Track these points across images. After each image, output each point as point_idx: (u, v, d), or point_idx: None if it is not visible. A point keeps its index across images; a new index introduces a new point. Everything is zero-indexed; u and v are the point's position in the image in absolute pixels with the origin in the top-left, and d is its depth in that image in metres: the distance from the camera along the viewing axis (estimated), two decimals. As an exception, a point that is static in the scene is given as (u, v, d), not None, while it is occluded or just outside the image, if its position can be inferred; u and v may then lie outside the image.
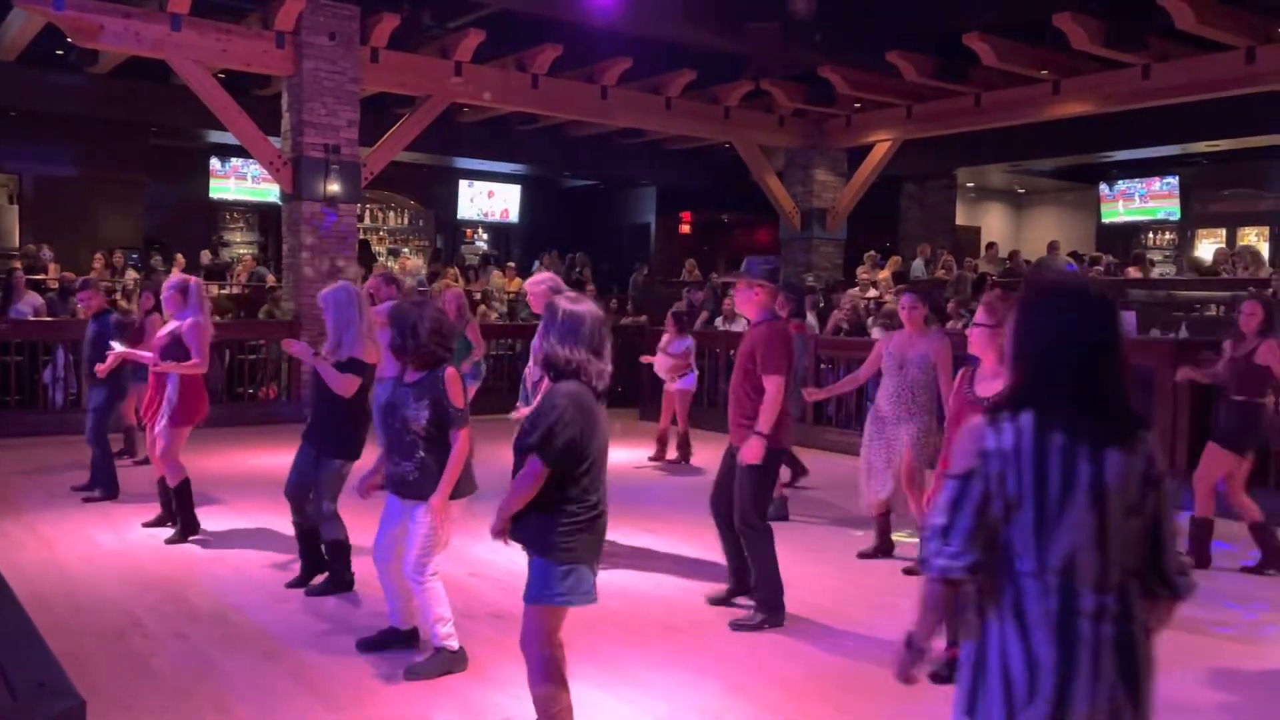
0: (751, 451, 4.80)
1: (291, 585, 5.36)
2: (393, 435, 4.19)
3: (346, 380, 5.05)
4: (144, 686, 4.02)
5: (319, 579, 5.32)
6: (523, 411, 5.90)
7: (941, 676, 4.21)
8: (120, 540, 6.25)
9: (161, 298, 6.58)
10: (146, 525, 6.51)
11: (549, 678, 3.21)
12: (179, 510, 6.23)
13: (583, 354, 3.14)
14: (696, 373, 9.68)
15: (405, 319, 4.14)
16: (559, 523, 3.13)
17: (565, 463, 3.09)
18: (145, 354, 6.63)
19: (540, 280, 5.98)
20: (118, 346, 6.78)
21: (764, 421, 4.82)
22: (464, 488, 4.25)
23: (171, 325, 6.23)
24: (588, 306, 3.23)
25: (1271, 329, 6.06)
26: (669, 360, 9.50)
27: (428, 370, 4.16)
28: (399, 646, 4.43)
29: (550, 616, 3.20)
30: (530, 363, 5.97)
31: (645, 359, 9.84)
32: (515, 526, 3.18)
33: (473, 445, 4.23)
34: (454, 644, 4.19)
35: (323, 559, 5.35)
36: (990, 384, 4.17)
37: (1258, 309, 6.12)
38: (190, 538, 6.18)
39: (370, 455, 4.91)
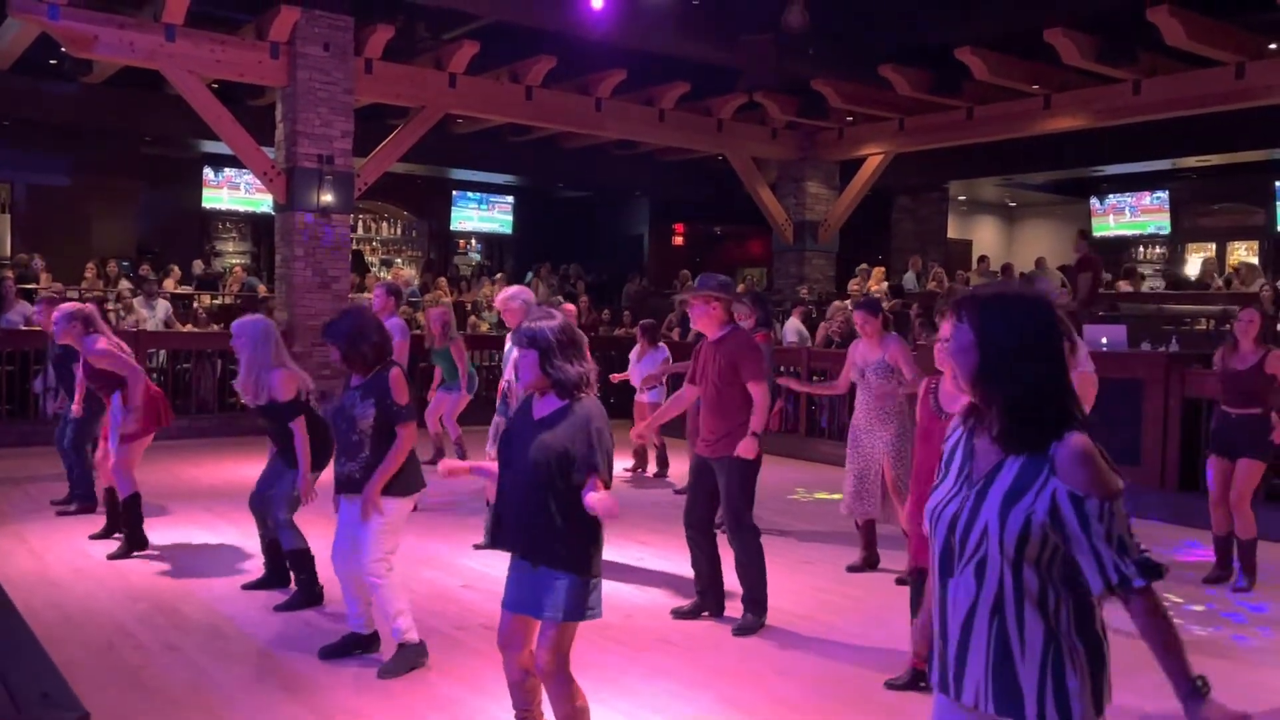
0: (747, 448, 4.92)
1: (249, 586, 5.42)
2: (341, 437, 4.29)
3: (298, 429, 4.96)
4: (135, 699, 4.00)
5: (287, 594, 5.28)
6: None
7: (899, 685, 4.25)
8: (110, 551, 6.22)
9: (53, 328, 6.34)
10: (93, 537, 6.42)
11: (576, 691, 3.26)
12: (126, 525, 6.13)
13: (587, 364, 3.23)
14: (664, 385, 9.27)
15: (346, 328, 4.25)
16: (592, 539, 3.18)
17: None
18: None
19: (513, 295, 5.98)
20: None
21: (758, 422, 4.94)
22: (412, 484, 4.33)
23: (83, 358, 6.20)
24: (561, 316, 3.29)
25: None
26: (648, 372, 9.29)
27: (375, 371, 4.27)
28: (360, 651, 4.46)
29: (573, 631, 3.24)
30: (507, 374, 5.99)
31: (616, 378, 9.31)
32: (557, 549, 3.14)
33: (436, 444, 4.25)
34: (414, 636, 4.27)
35: (286, 571, 5.35)
36: (954, 401, 4.06)
37: (1256, 317, 6.09)
38: (136, 553, 6.06)
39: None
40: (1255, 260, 16.55)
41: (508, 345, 6.22)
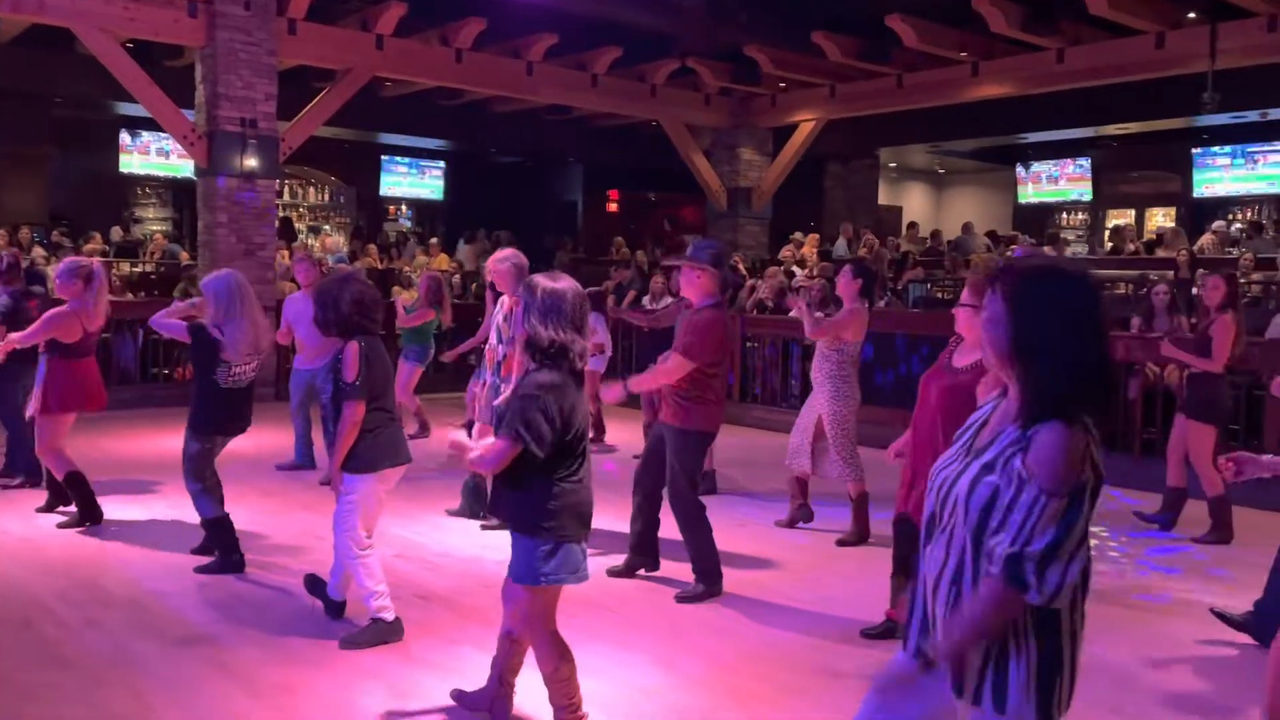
0: (613, 394, 5.12)
1: (196, 551, 5.40)
2: (324, 411, 4.37)
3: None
4: (56, 677, 3.89)
5: (209, 560, 5.27)
6: (484, 392, 5.90)
7: (873, 634, 4.43)
8: (28, 526, 6.03)
9: (55, 281, 6.26)
10: (40, 510, 6.29)
11: (559, 655, 3.29)
12: (78, 503, 6.01)
13: (567, 333, 3.12)
14: (609, 354, 9.22)
15: (326, 294, 4.22)
16: (543, 500, 3.13)
17: (550, 448, 3.08)
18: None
19: (504, 257, 5.91)
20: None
21: (641, 382, 5.18)
22: (376, 460, 4.19)
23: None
24: (568, 283, 3.20)
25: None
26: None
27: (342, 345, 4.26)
28: (327, 611, 4.51)
29: (543, 596, 3.23)
30: (492, 339, 5.92)
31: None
32: (505, 509, 3.24)
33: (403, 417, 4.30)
34: (389, 615, 4.26)
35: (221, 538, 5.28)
36: (968, 356, 4.03)
37: (1220, 284, 6.33)
38: (91, 525, 5.97)
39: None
40: (1171, 226, 17.01)
41: (494, 308, 6.11)
